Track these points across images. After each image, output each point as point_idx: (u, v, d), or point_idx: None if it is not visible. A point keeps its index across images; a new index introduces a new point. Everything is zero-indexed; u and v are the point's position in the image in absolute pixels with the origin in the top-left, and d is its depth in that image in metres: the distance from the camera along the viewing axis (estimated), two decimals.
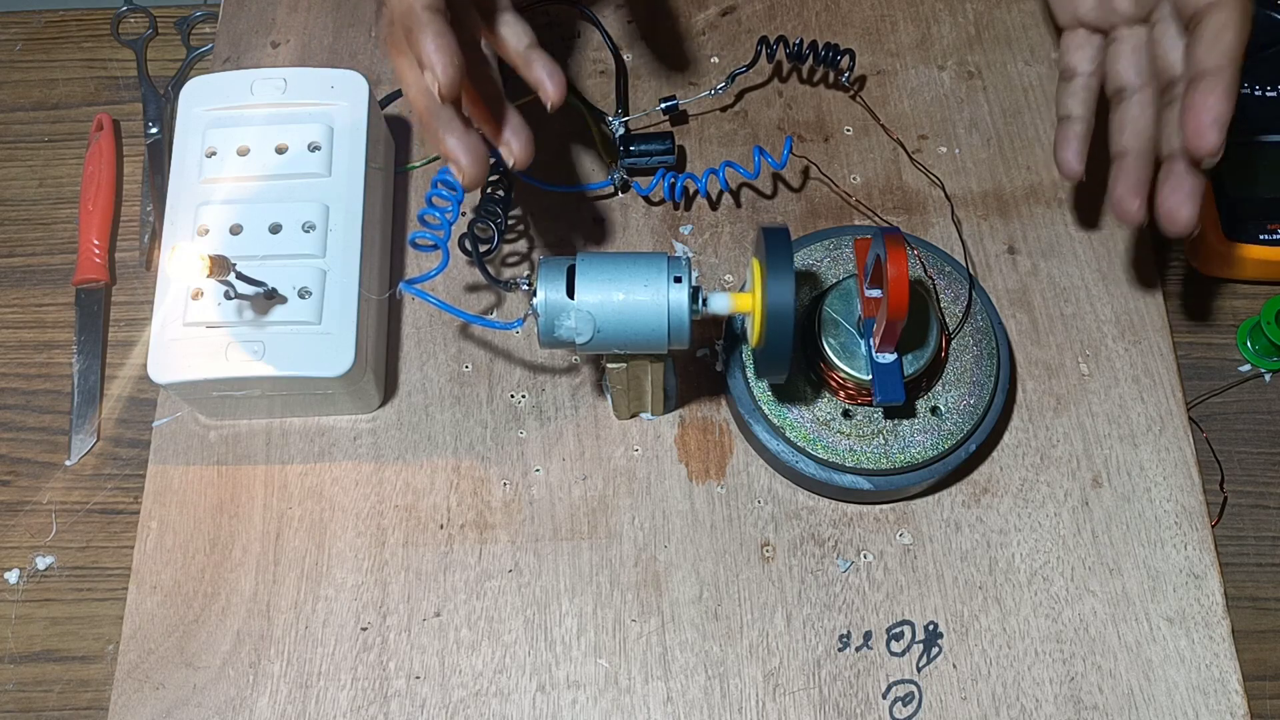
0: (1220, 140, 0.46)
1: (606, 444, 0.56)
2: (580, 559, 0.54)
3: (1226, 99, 0.46)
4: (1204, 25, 0.47)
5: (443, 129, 0.46)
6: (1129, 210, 0.52)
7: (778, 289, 0.44)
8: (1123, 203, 0.52)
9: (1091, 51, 0.56)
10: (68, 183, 0.64)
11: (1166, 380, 0.57)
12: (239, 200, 0.54)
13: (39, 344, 0.60)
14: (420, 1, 0.43)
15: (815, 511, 0.55)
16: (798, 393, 0.53)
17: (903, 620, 0.53)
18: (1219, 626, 0.53)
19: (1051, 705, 0.51)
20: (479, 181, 0.47)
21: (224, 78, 0.57)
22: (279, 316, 0.52)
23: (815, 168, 0.63)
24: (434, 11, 0.43)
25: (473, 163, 0.46)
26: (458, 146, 0.46)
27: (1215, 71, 0.46)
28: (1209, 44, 0.47)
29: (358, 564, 0.54)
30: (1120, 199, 0.52)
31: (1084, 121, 0.55)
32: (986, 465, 0.56)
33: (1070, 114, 0.56)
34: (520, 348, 0.58)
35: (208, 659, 0.52)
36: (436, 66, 0.43)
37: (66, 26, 0.69)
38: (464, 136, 0.46)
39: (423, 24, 0.43)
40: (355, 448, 0.56)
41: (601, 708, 0.51)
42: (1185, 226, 0.48)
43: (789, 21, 0.67)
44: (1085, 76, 0.56)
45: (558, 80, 0.48)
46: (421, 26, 0.43)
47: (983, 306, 0.55)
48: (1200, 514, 0.55)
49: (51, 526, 0.56)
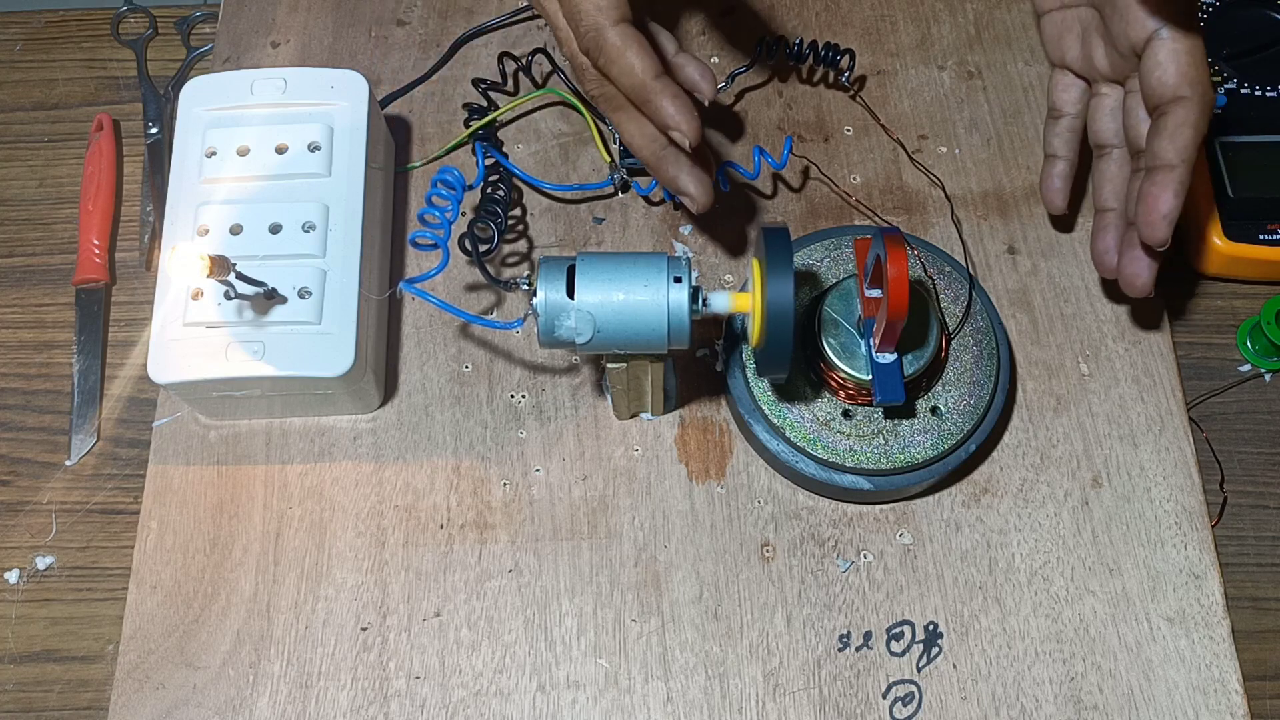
0: (1168, 234, 0.49)
1: (606, 444, 0.56)
2: (580, 559, 0.54)
3: (1177, 197, 0.49)
4: (1166, 118, 0.50)
5: (674, 169, 0.53)
6: (1109, 265, 0.55)
7: (778, 289, 0.44)
8: (1104, 256, 0.55)
9: (1077, 94, 0.58)
10: (68, 183, 0.64)
11: (1166, 380, 0.57)
12: (239, 200, 0.54)
13: (39, 344, 0.60)
14: (649, 72, 0.48)
15: (815, 511, 0.55)
16: (798, 393, 0.53)
17: (903, 620, 0.53)
18: (1219, 626, 0.53)
19: (1051, 705, 0.51)
20: (709, 206, 0.54)
21: (224, 78, 0.57)
22: (279, 316, 0.52)
23: (815, 168, 0.63)
24: (665, 78, 0.48)
25: (704, 192, 0.53)
26: (690, 182, 0.53)
27: (1169, 168, 0.49)
28: (1168, 139, 0.50)
29: (358, 564, 0.54)
30: (1101, 253, 0.55)
31: (1068, 161, 0.59)
32: (986, 465, 0.56)
33: (1056, 154, 0.59)
34: (520, 348, 0.58)
35: (208, 659, 0.52)
36: (684, 126, 0.48)
37: (66, 26, 0.69)
38: (693, 171, 0.53)
39: (658, 92, 0.48)
40: (355, 448, 0.56)
41: (601, 708, 0.51)
42: (1142, 292, 0.53)
43: (789, 21, 0.67)
44: (1070, 119, 0.59)
45: (709, 79, 0.52)
46: (657, 94, 0.48)
47: (983, 306, 0.55)
48: (1200, 514, 0.55)
49: (51, 526, 0.56)
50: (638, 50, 0.48)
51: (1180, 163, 0.49)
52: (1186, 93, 0.50)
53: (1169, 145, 0.49)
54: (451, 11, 0.67)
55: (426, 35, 0.66)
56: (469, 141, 0.62)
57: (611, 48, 0.48)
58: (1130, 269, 0.53)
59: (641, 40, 0.48)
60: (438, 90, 0.65)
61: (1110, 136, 0.56)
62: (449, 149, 0.63)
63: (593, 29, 0.48)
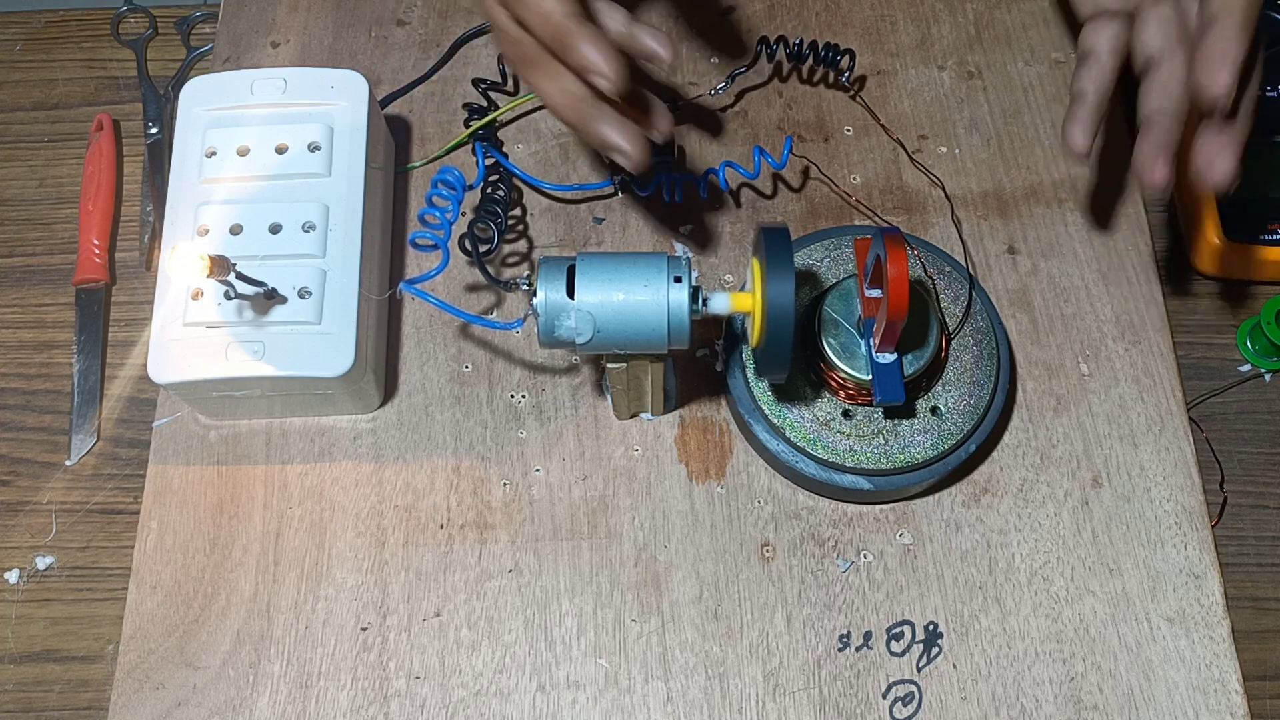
0: (1230, 79, 0.44)
1: (606, 444, 0.56)
2: (580, 559, 0.54)
3: (1236, 39, 0.45)
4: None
5: (600, 123, 0.48)
6: (1153, 173, 0.49)
7: (778, 289, 0.44)
8: (1146, 165, 0.49)
9: (1111, 35, 0.53)
10: (68, 183, 0.64)
11: (1166, 380, 0.57)
12: (239, 200, 0.54)
13: (39, 344, 0.60)
14: (565, 13, 0.45)
15: (815, 511, 0.55)
16: (798, 393, 0.53)
17: (903, 620, 0.53)
18: (1219, 626, 0.53)
19: (1051, 705, 0.51)
20: (645, 161, 0.49)
21: (224, 78, 0.57)
22: (279, 316, 0.52)
23: (815, 168, 0.63)
24: (580, 19, 0.45)
25: (636, 146, 0.48)
26: (618, 135, 0.48)
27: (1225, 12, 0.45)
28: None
29: (358, 564, 0.54)
30: (1144, 162, 0.49)
31: (1096, 101, 0.53)
32: (986, 465, 0.56)
33: (1084, 91, 0.53)
34: (520, 348, 0.58)
35: (208, 659, 0.52)
36: (604, 66, 0.45)
37: (66, 26, 0.69)
38: (622, 125, 0.48)
39: (574, 32, 0.45)
40: (355, 448, 0.56)
41: (601, 708, 0.51)
42: (1223, 177, 0.47)
43: (789, 21, 0.67)
44: (1104, 56, 0.53)
45: (664, 43, 0.49)
46: (574, 35, 0.45)
47: (983, 306, 0.55)
48: (1200, 514, 0.55)
49: (51, 526, 0.56)
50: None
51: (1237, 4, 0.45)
52: None
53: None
54: (451, 11, 0.67)
55: (426, 35, 0.66)
56: (469, 141, 0.62)
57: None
58: (1205, 152, 0.47)
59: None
60: (438, 90, 0.65)
61: (1159, 45, 0.51)
62: (449, 149, 0.63)
63: None
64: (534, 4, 0.45)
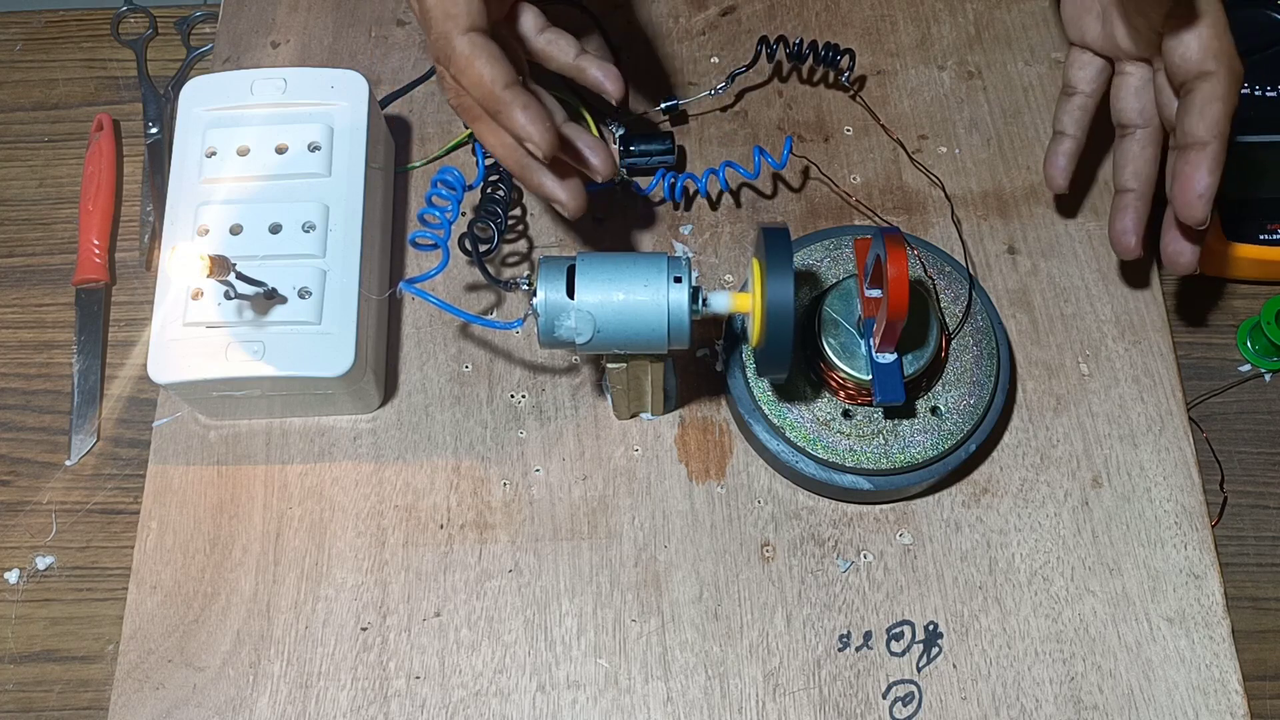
0: (1206, 213, 0.49)
1: (606, 444, 0.56)
2: (580, 559, 0.54)
3: (1212, 174, 0.48)
4: (1194, 95, 0.49)
5: (539, 175, 0.50)
6: (1127, 246, 0.55)
7: (778, 289, 0.44)
8: (1122, 238, 0.55)
9: (1093, 73, 0.57)
10: (68, 183, 0.64)
11: (1166, 380, 0.57)
12: (239, 200, 0.54)
13: (39, 344, 0.60)
14: (498, 82, 0.46)
15: (815, 511, 0.55)
16: (798, 393, 0.53)
17: (903, 620, 0.53)
18: (1219, 626, 0.53)
19: (1051, 705, 0.51)
20: (582, 209, 0.51)
21: (224, 78, 0.57)
22: (279, 316, 0.52)
23: (815, 168, 0.63)
24: (515, 88, 0.46)
25: (574, 198, 0.51)
26: (557, 189, 0.51)
27: (1201, 146, 0.48)
28: (1197, 115, 0.49)
29: (358, 564, 0.54)
30: (1120, 234, 0.55)
31: (1075, 140, 0.58)
32: (986, 465, 0.56)
33: (1064, 130, 0.58)
34: (520, 348, 0.58)
35: (208, 659, 0.52)
36: (535, 137, 0.46)
37: (66, 26, 0.69)
38: (560, 181, 0.51)
39: (507, 103, 0.46)
40: (355, 448, 0.56)
41: (601, 708, 0.51)
42: (1186, 270, 0.53)
43: (789, 21, 0.67)
44: (1083, 97, 0.57)
45: (613, 77, 0.52)
46: (507, 105, 0.46)
47: (983, 306, 0.55)
48: (1200, 514, 0.55)
49: (51, 526, 0.56)
50: (486, 59, 0.46)
51: (1212, 139, 0.48)
52: (1212, 66, 0.48)
53: (1199, 122, 0.48)
54: None
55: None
56: (469, 141, 0.62)
57: (460, 57, 0.46)
58: (1172, 248, 0.52)
59: (491, 49, 0.46)
60: (438, 90, 0.65)
61: (1133, 116, 0.55)
62: (449, 149, 0.63)
63: (441, 36, 0.46)
64: (470, 72, 0.46)
